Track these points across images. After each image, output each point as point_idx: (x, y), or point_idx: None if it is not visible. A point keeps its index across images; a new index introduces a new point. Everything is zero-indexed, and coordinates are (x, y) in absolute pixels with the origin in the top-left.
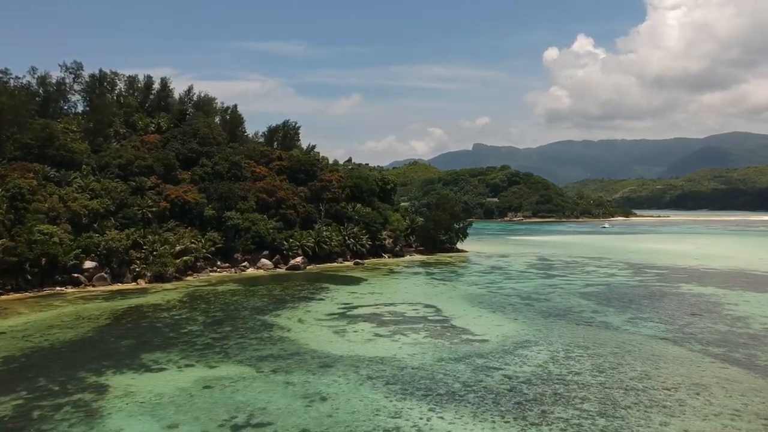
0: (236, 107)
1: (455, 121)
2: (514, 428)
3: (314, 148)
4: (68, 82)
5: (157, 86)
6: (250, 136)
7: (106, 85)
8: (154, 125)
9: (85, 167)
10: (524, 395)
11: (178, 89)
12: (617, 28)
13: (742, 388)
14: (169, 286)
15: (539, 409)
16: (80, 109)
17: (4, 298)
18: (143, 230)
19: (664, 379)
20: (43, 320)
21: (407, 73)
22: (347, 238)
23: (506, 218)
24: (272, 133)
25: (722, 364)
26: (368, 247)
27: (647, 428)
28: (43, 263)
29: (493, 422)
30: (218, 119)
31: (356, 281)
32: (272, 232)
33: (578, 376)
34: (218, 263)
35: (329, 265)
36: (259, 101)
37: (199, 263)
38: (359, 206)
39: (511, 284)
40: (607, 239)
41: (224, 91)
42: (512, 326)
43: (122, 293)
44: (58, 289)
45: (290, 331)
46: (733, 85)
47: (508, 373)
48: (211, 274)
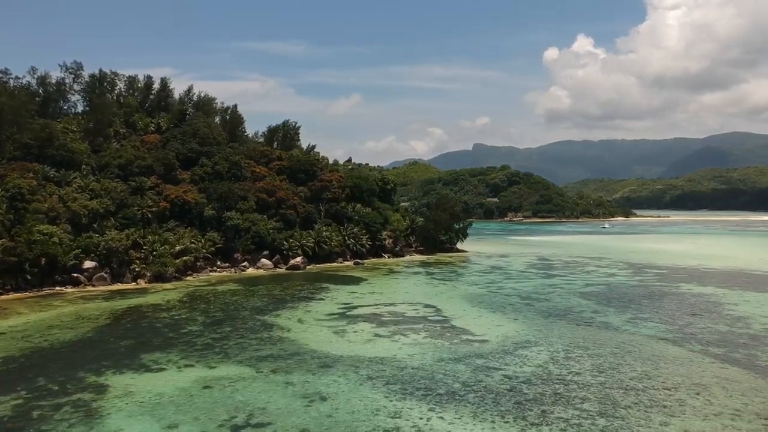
0: (236, 107)
1: (455, 121)
2: (514, 428)
3: (314, 148)
4: (68, 82)
5: (157, 86)
6: (250, 136)
7: (106, 85)
8: (154, 125)
9: (84, 167)
10: (524, 395)
11: (178, 89)
12: (617, 28)
13: (742, 388)
14: (168, 286)
15: (539, 409)
16: (80, 109)
17: (3, 298)
18: (143, 230)
19: (664, 379)
20: (42, 320)
21: (407, 73)
22: (347, 238)
23: (506, 218)
24: (272, 133)
25: (722, 364)
26: (368, 247)
27: (647, 428)
28: (42, 263)
29: (492, 422)
30: (218, 119)
31: (356, 281)
32: (272, 232)
33: (578, 376)
34: (218, 263)
35: (329, 265)
36: (259, 101)
37: (198, 263)
38: (359, 206)
39: (511, 284)
40: (607, 239)
41: (224, 91)
42: (512, 326)
43: (122, 293)
44: (57, 289)
45: (290, 331)
46: (733, 85)
47: (508, 373)
48: (210, 274)
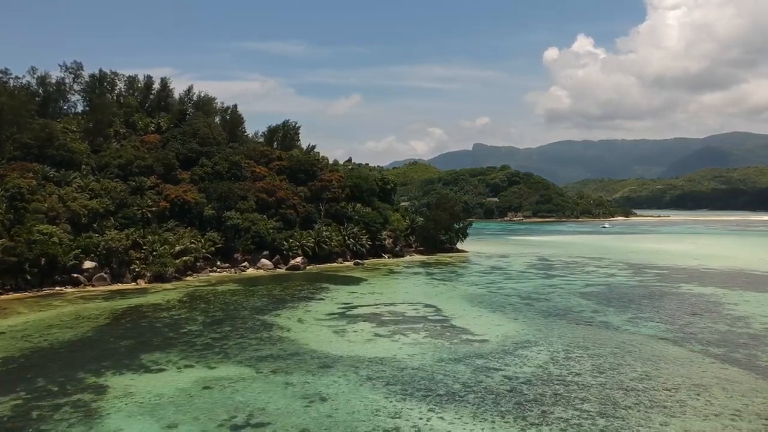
0: (236, 107)
1: (455, 121)
2: (514, 429)
3: (314, 148)
4: (68, 82)
5: (157, 86)
6: (250, 136)
7: (106, 85)
8: (154, 125)
9: (84, 167)
10: (524, 396)
11: (178, 89)
12: (617, 28)
13: (742, 388)
14: (168, 286)
15: (539, 409)
16: (80, 109)
17: (3, 297)
18: (143, 230)
19: (664, 379)
20: (42, 320)
21: (407, 73)
22: (347, 238)
23: (506, 218)
24: (272, 133)
25: (722, 364)
26: (368, 247)
27: (647, 429)
28: (42, 263)
29: (492, 423)
30: (218, 119)
31: (356, 281)
32: (272, 232)
33: (578, 376)
34: (218, 263)
35: (329, 265)
36: (259, 101)
37: (198, 263)
38: (359, 206)
39: (511, 284)
40: (607, 239)
41: (224, 91)
42: (512, 326)
43: (122, 293)
44: (57, 289)
45: (290, 331)
46: (733, 85)
47: (508, 373)
48: (210, 274)
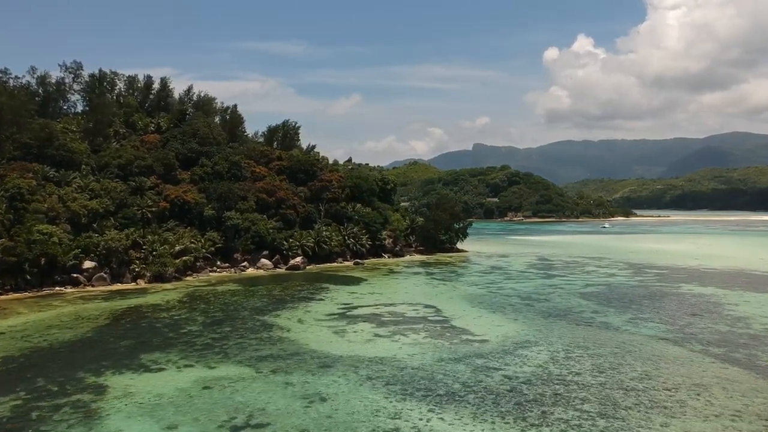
0: (236, 107)
1: (455, 121)
2: (513, 429)
3: (314, 148)
4: (68, 82)
5: (156, 86)
6: (250, 136)
7: (105, 85)
8: (153, 125)
9: (84, 167)
10: (524, 396)
11: (178, 89)
12: (617, 28)
13: (742, 388)
14: (168, 286)
15: (539, 409)
16: (80, 109)
17: (3, 298)
18: (143, 230)
19: (664, 379)
20: (42, 320)
21: (407, 73)
22: (347, 238)
23: (506, 218)
24: (272, 133)
25: (723, 364)
26: (368, 247)
27: (648, 429)
28: (42, 263)
29: (492, 423)
30: (218, 119)
31: (356, 281)
32: (272, 232)
33: (578, 376)
34: (218, 263)
35: (329, 265)
36: (259, 101)
37: (198, 263)
38: (359, 206)
39: (511, 284)
40: (607, 239)
41: (224, 91)
42: (512, 326)
43: (122, 293)
44: (57, 289)
45: (290, 331)
46: (733, 85)
47: (508, 373)
48: (210, 274)
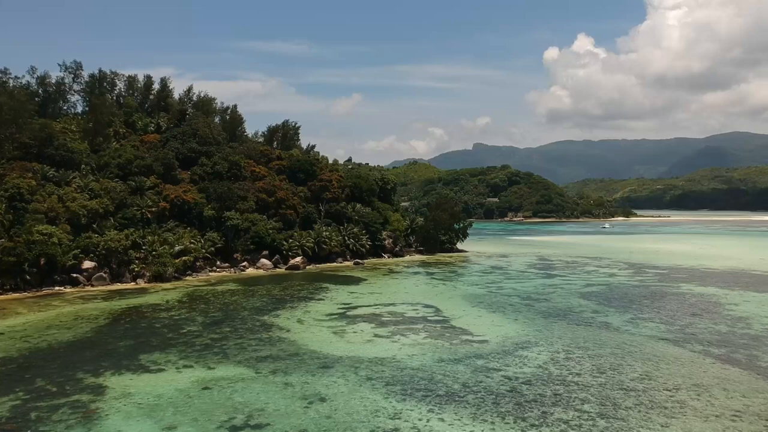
0: (236, 107)
1: (456, 120)
2: (513, 429)
3: (314, 147)
4: (68, 82)
5: (156, 86)
6: (249, 136)
7: (105, 85)
8: (153, 125)
9: (84, 167)
10: (524, 396)
11: (179, 89)
12: (617, 27)
13: (743, 389)
14: (168, 286)
15: (539, 410)
16: (80, 109)
17: (2, 298)
18: (142, 230)
19: (664, 380)
20: (41, 320)
21: (408, 72)
22: (347, 238)
23: (506, 218)
24: (272, 132)
25: (723, 364)
26: (368, 247)
27: (648, 429)
28: (42, 263)
29: (492, 423)
30: (218, 119)
31: (356, 281)
32: (272, 232)
33: (578, 377)
34: (218, 263)
35: (329, 265)
36: (261, 101)
37: (198, 263)
38: (359, 206)
39: (511, 284)
40: (607, 239)
41: (226, 90)
42: (512, 327)
43: (121, 293)
44: (57, 289)
45: (289, 331)
46: (734, 84)
47: (507, 373)
48: (210, 274)
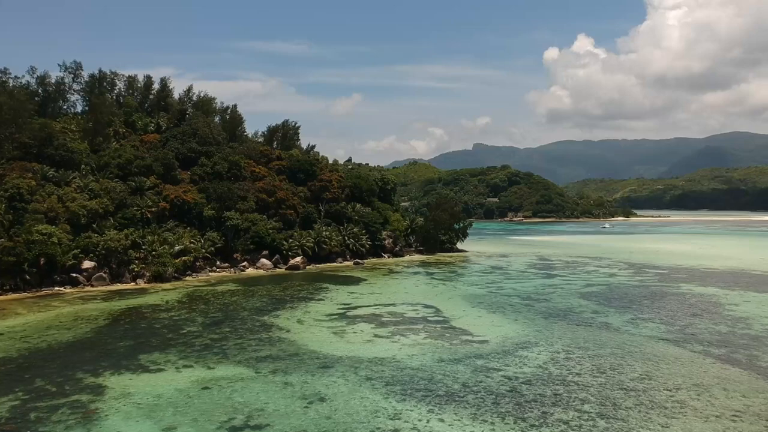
0: (236, 107)
1: (456, 120)
2: (513, 430)
3: (314, 147)
4: (67, 81)
5: (156, 86)
6: (249, 136)
7: (105, 84)
8: (153, 125)
9: (84, 167)
10: (524, 396)
11: (179, 89)
12: (617, 27)
13: (743, 389)
14: (168, 286)
15: (539, 410)
16: (79, 109)
17: (2, 298)
18: (142, 230)
19: (664, 380)
20: (41, 321)
21: (408, 72)
22: (347, 238)
23: (506, 218)
24: (272, 132)
25: (723, 364)
26: (368, 247)
27: (648, 430)
28: (41, 263)
29: (492, 423)
30: (218, 119)
31: (356, 281)
32: (272, 232)
33: (578, 377)
34: (217, 263)
35: (329, 265)
36: (261, 101)
37: (198, 263)
38: (359, 206)
39: (511, 284)
40: (607, 239)
41: (226, 90)
42: (512, 327)
43: (121, 293)
44: (56, 289)
45: (289, 331)
46: (734, 84)
47: (507, 374)
48: (210, 274)
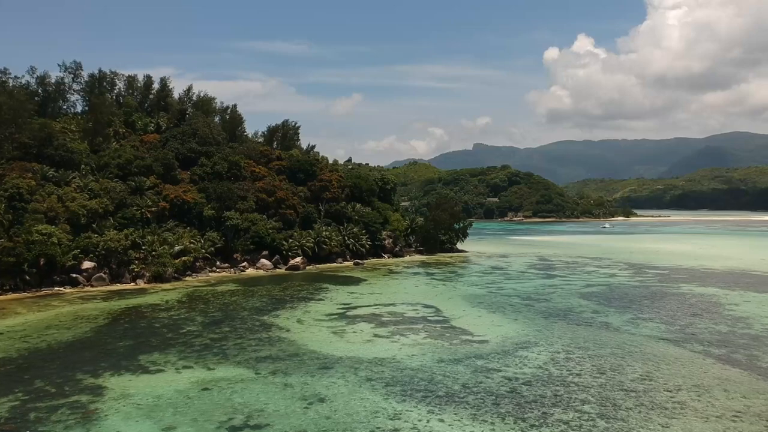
0: (236, 107)
1: (456, 120)
2: (513, 430)
3: (314, 147)
4: (67, 81)
5: (156, 86)
6: (249, 136)
7: (105, 84)
8: (153, 125)
9: (84, 167)
10: (524, 397)
11: (179, 89)
12: (617, 27)
13: (743, 389)
14: (167, 286)
15: (539, 410)
16: (79, 109)
17: (2, 298)
18: (142, 230)
19: (665, 380)
20: (40, 321)
21: (409, 72)
22: (347, 238)
23: (506, 218)
24: (272, 132)
25: (724, 365)
26: (368, 247)
27: (648, 430)
28: (41, 263)
29: (492, 424)
30: (218, 119)
31: (356, 281)
32: (272, 232)
33: (578, 377)
34: (217, 263)
35: (329, 265)
36: (261, 101)
37: (198, 263)
38: (359, 206)
39: (511, 284)
40: (607, 239)
41: (226, 90)
42: (512, 327)
43: (121, 293)
44: (56, 289)
45: (289, 331)
46: (734, 84)
47: (507, 374)
48: (210, 274)
